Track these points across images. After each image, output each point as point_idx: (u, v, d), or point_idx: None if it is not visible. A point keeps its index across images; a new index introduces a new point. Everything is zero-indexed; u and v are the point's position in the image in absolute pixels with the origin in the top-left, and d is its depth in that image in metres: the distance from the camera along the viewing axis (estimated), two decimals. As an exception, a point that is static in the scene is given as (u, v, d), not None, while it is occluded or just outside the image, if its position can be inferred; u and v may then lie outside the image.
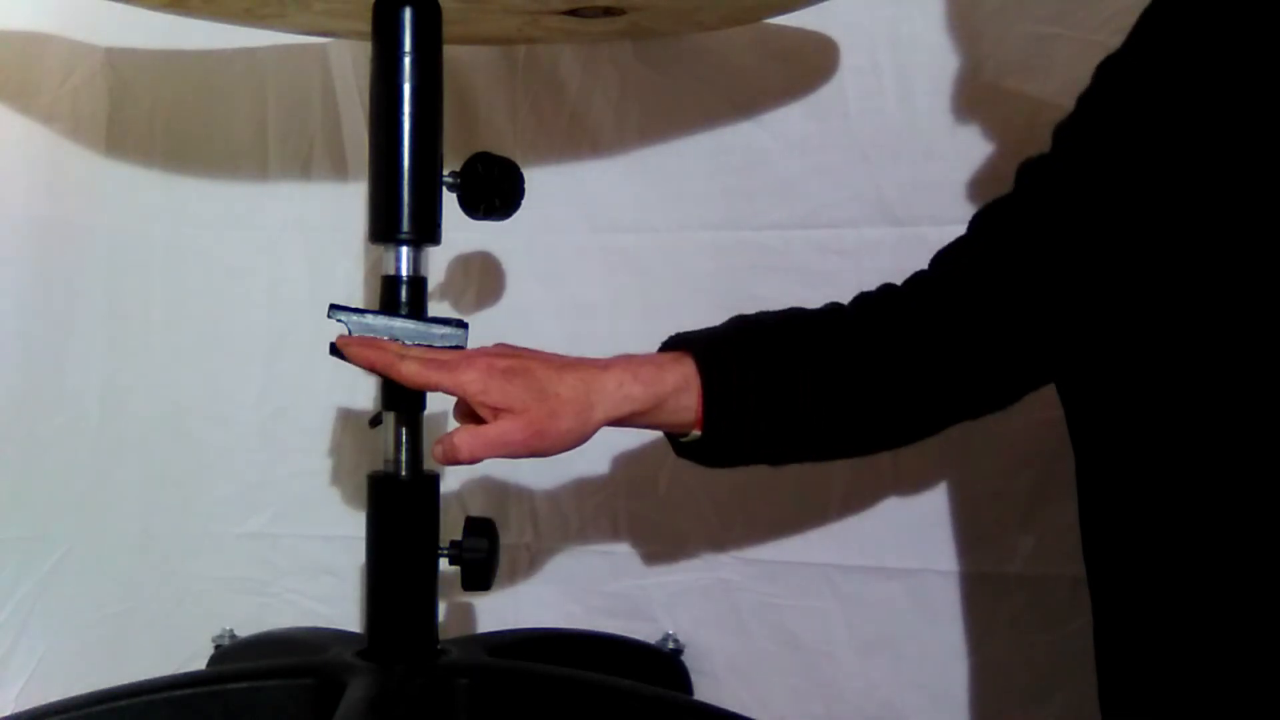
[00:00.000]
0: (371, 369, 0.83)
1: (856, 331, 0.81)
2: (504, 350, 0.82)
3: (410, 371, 0.80)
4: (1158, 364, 0.73)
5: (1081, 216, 0.76)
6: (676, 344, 0.82)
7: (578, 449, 1.20)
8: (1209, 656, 0.72)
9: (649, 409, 0.79)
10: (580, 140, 1.18)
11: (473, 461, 0.78)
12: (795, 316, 0.84)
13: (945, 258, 0.84)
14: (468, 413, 0.81)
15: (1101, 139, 0.77)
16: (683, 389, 0.79)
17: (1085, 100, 0.80)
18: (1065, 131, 0.80)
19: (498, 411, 0.78)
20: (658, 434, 1.18)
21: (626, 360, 0.81)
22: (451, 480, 1.19)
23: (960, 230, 1.05)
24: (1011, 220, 0.81)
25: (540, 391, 0.78)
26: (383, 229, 0.90)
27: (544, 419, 0.77)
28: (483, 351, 0.81)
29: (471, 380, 0.78)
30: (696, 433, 0.80)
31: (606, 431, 1.18)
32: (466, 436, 0.78)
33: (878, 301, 0.84)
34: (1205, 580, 0.72)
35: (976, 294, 0.79)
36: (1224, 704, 0.71)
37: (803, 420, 0.80)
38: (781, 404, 0.79)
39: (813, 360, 0.80)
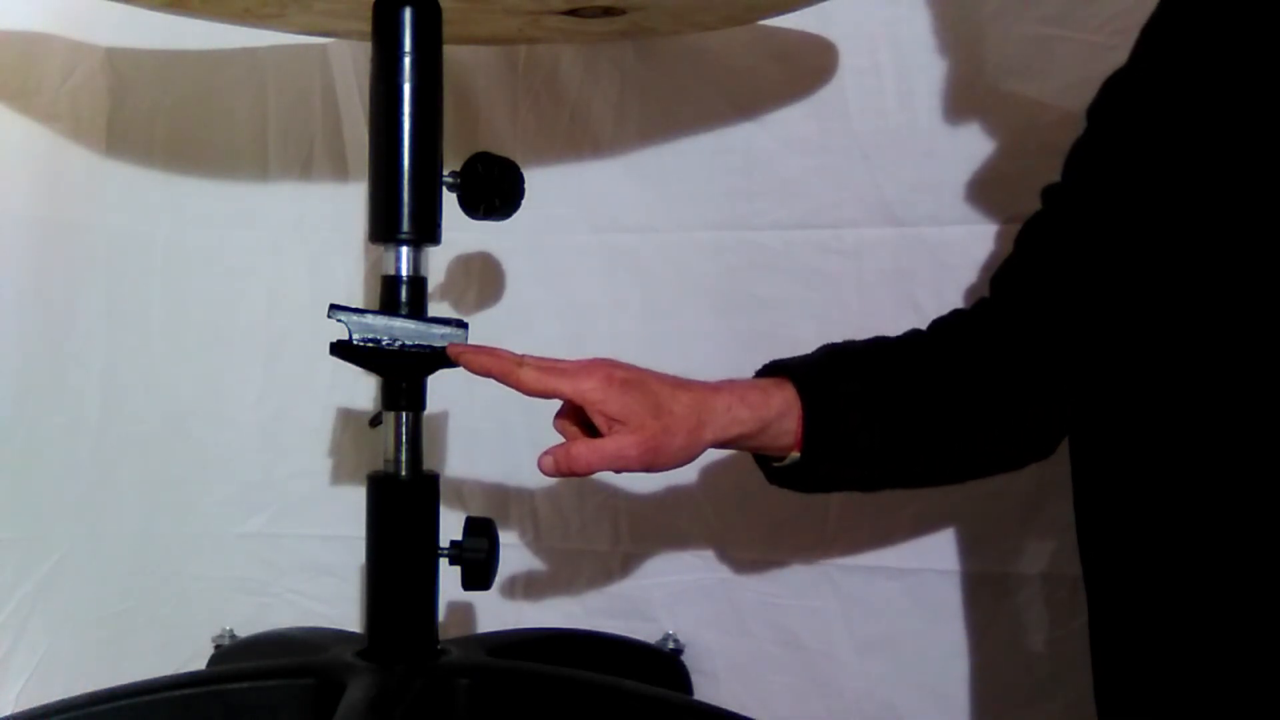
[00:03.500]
0: (488, 375, 0.82)
1: (936, 359, 0.83)
2: (618, 363, 0.81)
3: (529, 378, 0.79)
4: (1155, 365, 0.73)
5: (1092, 233, 0.78)
6: (773, 370, 0.84)
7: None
8: (1204, 656, 0.72)
9: (755, 432, 0.80)
10: (580, 140, 1.18)
11: (588, 473, 0.78)
12: (881, 344, 0.86)
13: (1000, 280, 0.86)
14: (571, 419, 0.81)
15: (1111, 159, 0.78)
16: (785, 413, 0.80)
17: (1094, 116, 0.81)
18: (1079, 152, 0.82)
19: (612, 422, 0.78)
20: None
21: (732, 384, 0.82)
22: (451, 480, 1.19)
23: (960, 230, 1.07)
24: (1043, 243, 0.83)
25: (656, 407, 0.78)
26: (383, 229, 0.90)
27: (659, 435, 0.78)
28: (600, 361, 0.81)
29: (592, 388, 0.78)
30: (795, 455, 0.81)
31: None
32: (584, 449, 0.77)
33: (950, 328, 0.86)
34: (1200, 579, 0.72)
35: (1026, 322, 0.82)
36: (1219, 703, 0.71)
37: (896, 443, 0.81)
38: (876, 427, 0.80)
39: (902, 385, 0.81)
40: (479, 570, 0.91)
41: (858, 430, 0.80)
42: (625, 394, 0.78)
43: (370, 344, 0.87)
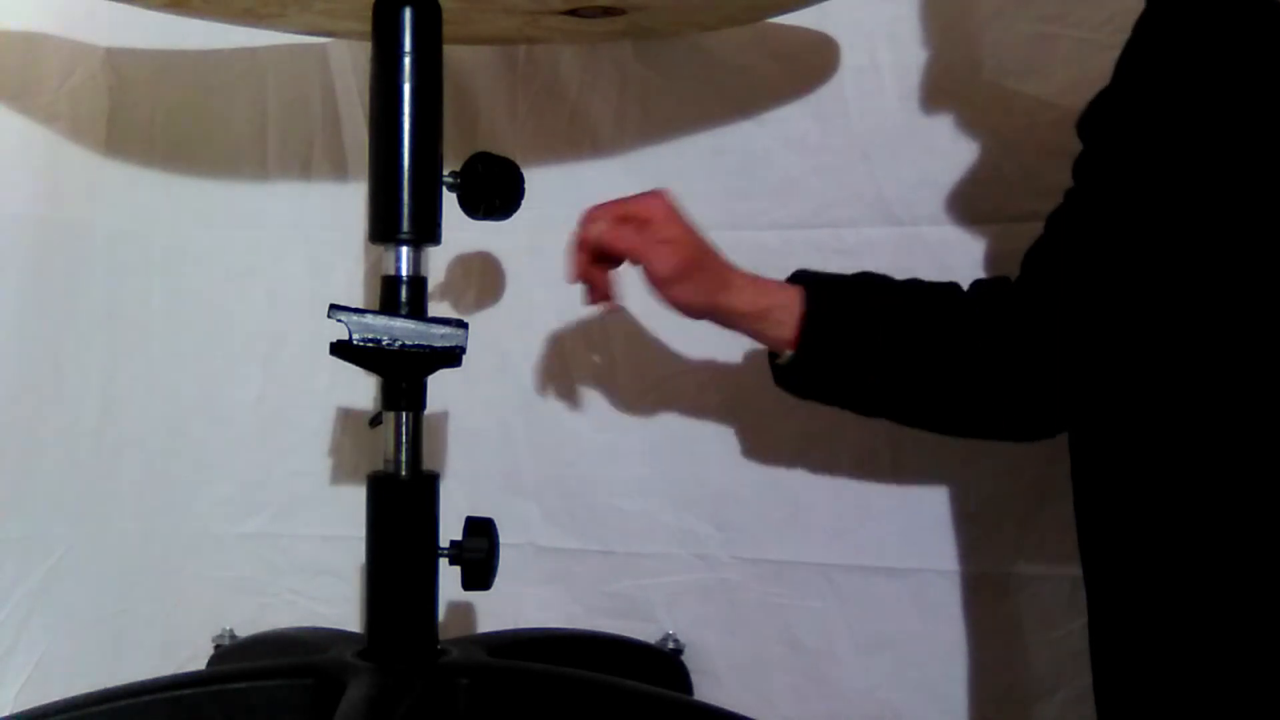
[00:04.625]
0: (591, 259, 0.92)
1: (951, 304, 0.88)
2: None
3: (598, 212, 0.92)
4: (1155, 366, 0.73)
5: (1090, 244, 0.80)
6: (797, 277, 0.92)
7: (576, 448, 1.21)
8: (1203, 656, 0.72)
9: (757, 314, 0.89)
10: (580, 140, 1.18)
11: (628, 252, 0.91)
12: (909, 281, 0.92)
13: (1026, 264, 0.88)
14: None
15: (1102, 175, 0.81)
16: (787, 305, 0.88)
17: (1083, 132, 0.83)
18: (1077, 168, 0.84)
19: (664, 242, 0.89)
20: (655, 433, 1.18)
21: (752, 273, 0.92)
22: (451, 480, 1.19)
23: (960, 230, 1.07)
24: (1051, 254, 0.85)
25: (699, 246, 0.91)
26: (383, 229, 0.90)
27: (692, 266, 0.89)
28: (663, 192, 0.92)
29: (659, 206, 0.90)
30: (789, 353, 0.89)
31: (605, 431, 1.19)
32: (632, 231, 0.90)
33: (984, 287, 0.90)
34: (1200, 580, 0.72)
35: (1038, 311, 0.84)
36: (1218, 703, 0.71)
37: (887, 372, 0.86)
38: (869, 347, 0.86)
39: (908, 320, 0.87)
40: (479, 570, 0.91)
41: (845, 344, 0.87)
42: (684, 222, 0.91)
43: (370, 344, 0.87)
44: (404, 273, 0.91)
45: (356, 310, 0.87)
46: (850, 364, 0.87)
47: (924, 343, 0.86)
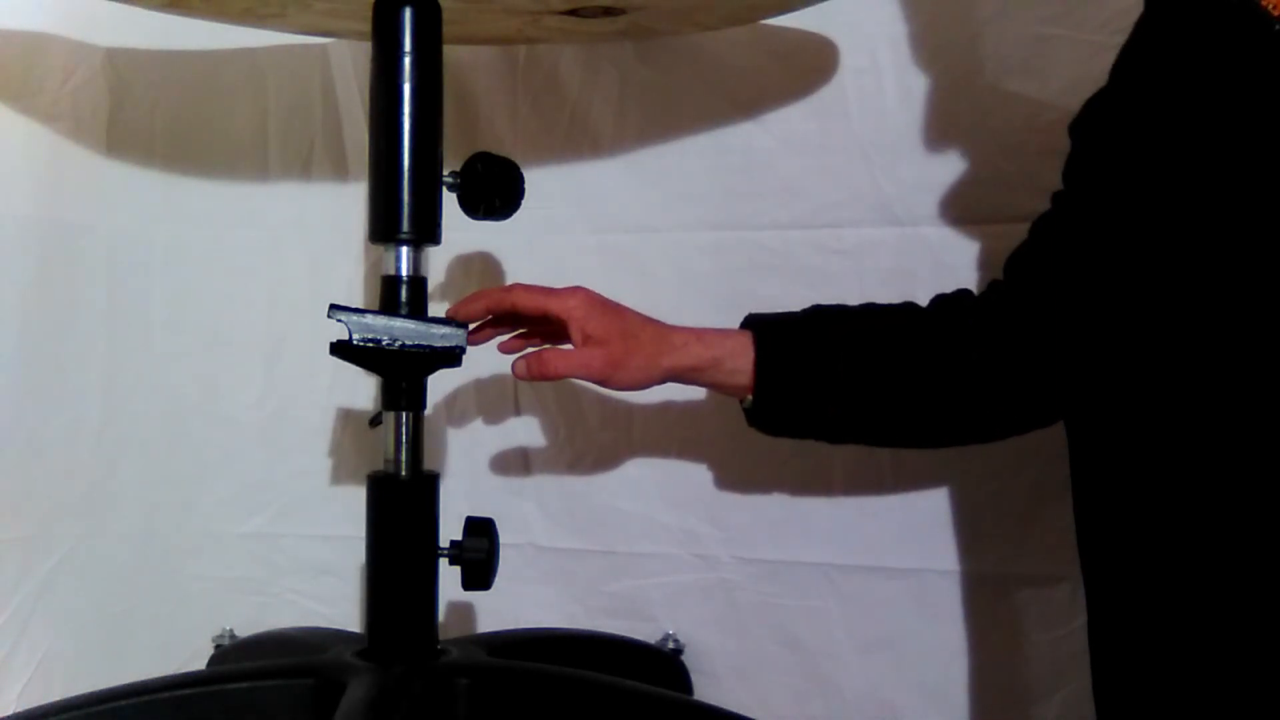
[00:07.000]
0: (487, 313, 0.92)
1: (914, 322, 0.89)
2: (595, 292, 0.91)
3: (522, 297, 0.91)
4: (1153, 366, 0.73)
5: (1086, 244, 0.80)
6: (745, 320, 0.93)
7: (576, 448, 1.21)
8: (1203, 656, 0.72)
9: (708, 366, 0.90)
10: (580, 140, 1.18)
11: (556, 377, 0.89)
12: (868, 307, 0.92)
13: (1010, 269, 0.89)
14: (528, 339, 0.94)
15: (1095, 178, 0.81)
16: (738, 354, 0.89)
17: (1075, 133, 0.84)
18: (1068, 169, 0.85)
19: (587, 338, 0.88)
20: (655, 433, 1.18)
21: (695, 327, 0.92)
22: (451, 480, 1.19)
23: (960, 230, 1.07)
24: (1047, 251, 0.86)
25: (625, 331, 0.89)
26: (383, 229, 0.90)
27: (622, 355, 0.88)
28: (581, 287, 0.91)
29: (576, 305, 0.89)
30: (749, 398, 0.90)
31: (605, 432, 1.19)
32: (555, 355, 0.89)
33: (947, 301, 0.91)
34: (1199, 580, 0.72)
35: (1028, 312, 0.84)
36: (1218, 703, 0.71)
37: (853, 400, 0.87)
38: (829, 379, 0.86)
39: (870, 345, 0.87)
40: (479, 570, 0.91)
41: (807, 373, 0.87)
42: (604, 315, 0.89)
43: (370, 344, 0.87)
44: (404, 273, 0.91)
45: (356, 310, 0.87)
46: (811, 399, 0.88)
47: (891, 363, 0.86)
